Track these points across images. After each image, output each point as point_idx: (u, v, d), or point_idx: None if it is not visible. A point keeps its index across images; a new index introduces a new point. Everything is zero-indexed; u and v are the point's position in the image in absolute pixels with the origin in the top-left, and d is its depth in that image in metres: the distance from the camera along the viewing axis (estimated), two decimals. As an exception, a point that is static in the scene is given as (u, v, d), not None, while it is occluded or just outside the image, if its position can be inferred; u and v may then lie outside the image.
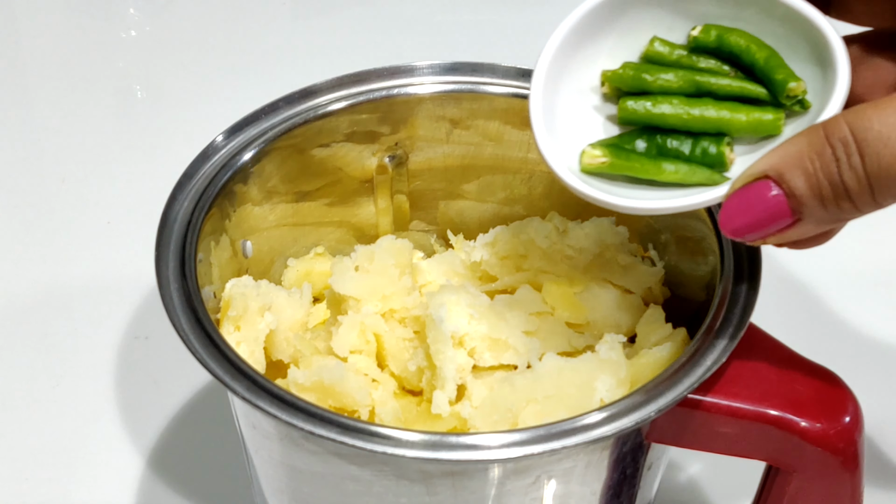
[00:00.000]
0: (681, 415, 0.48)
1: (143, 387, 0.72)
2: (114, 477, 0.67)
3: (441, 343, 0.53)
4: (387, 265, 0.57)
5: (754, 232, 0.44)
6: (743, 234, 0.44)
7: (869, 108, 0.40)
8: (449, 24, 1.04)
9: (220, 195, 0.55)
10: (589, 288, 0.59)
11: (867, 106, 0.40)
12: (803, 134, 0.42)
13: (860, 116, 0.40)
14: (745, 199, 0.43)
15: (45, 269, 0.80)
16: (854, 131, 0.40)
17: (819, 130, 0.41)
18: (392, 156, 0.63)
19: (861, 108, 0.40)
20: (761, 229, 0.43)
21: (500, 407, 0.51)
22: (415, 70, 0.61)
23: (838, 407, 0.48)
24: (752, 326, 0.50)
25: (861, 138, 0.40)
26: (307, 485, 0.51)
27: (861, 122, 0.40)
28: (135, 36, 1.04)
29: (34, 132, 0.94)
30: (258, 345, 0.55)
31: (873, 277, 0.79)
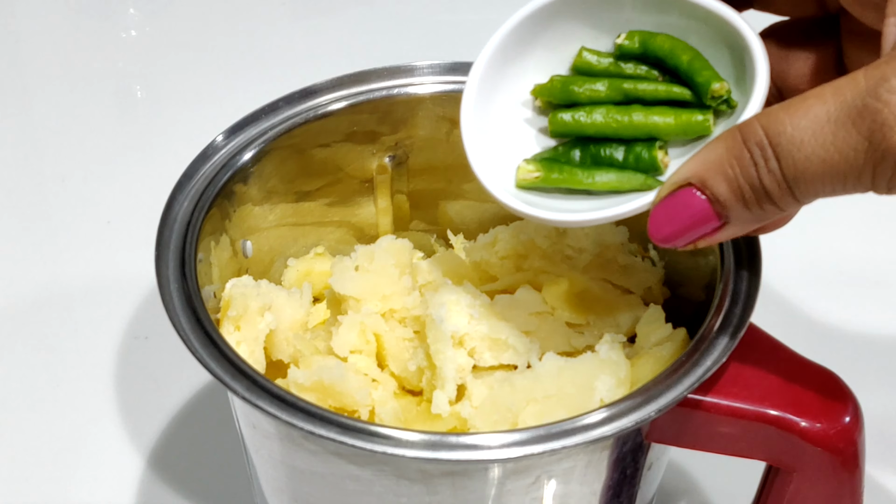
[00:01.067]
0: (681, 415, 0.48)
1: (143, 387, 0.72)
2: (114, 477, 0.67)
3: (441, 343, 0.53)
4: (387, 265, 0.57)
5: (682, 238, 0.44)
6: (672, 241, 0.45)
7: (781, 110, 0.41)
8: (449, 23, 1.04)
9: (220, 195, 0.56)
10: (589, 288, 0.59)
11: (779, 108, 0.41)
12: (722, 138, 0.42)
13: (773, 120, 0.40)
14: (671, 208, 0.44)
15: (45, 269, 0.80)
16: (769, 135, 0.40)
17: (736, 134, 0.42)
18: (392, 156, 0.63)
19: (773, 110, 0.41)
20: (689, 235, 0.44)
21: (500, 407, 0.51)
22: (415, 70, 0.61)
23: (838, 407, 0.48)
24: (752, 326, 0.50)
25: (776, 143, 0.40)
26: (307, 484, 0.51)
27: (774, 125, 0.40)
28: (135, 36, 1.04)
29: (34, 132, 0.94)
30: (258, 345, 0.55)
31: (873, 277, 0.79)
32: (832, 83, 0.40)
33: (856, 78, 0.39)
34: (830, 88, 0.40)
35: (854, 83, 0.39)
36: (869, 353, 0.74)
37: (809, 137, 0.40)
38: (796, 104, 0.40)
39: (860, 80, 0.39)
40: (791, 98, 0.41)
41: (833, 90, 0.40)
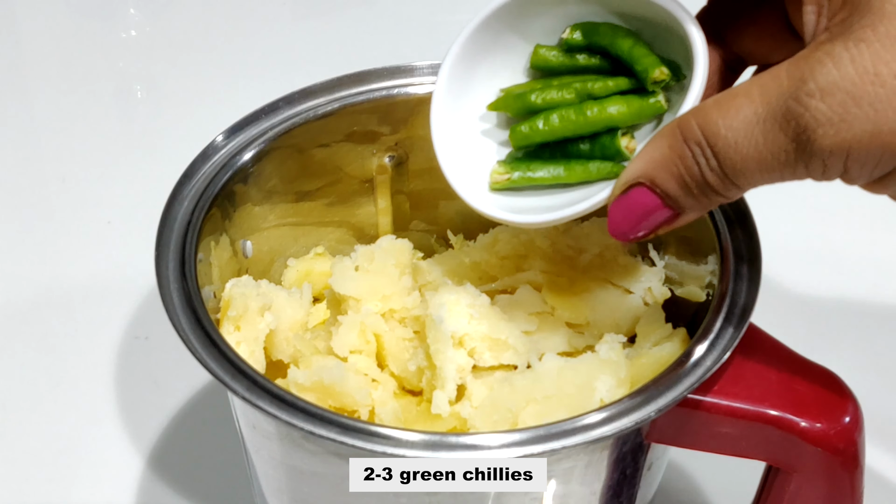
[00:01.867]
0: (681, 415, 0.48)
1: (143, 387, 0.72)
2: (114, 477, 0.67)
3: (441, 343, 0.53)
4: (387, 265, 0.57)
5: (641, 231, 0.46)
6: (633, 236, 0.46)
7: (713, 108, 0.42)
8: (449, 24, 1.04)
9: (220, 195, 0.56)
10: (589, 288, 0.59)
11: (711, 106, 0.42)
12: (664, 135, 0.44)
13: (708, 120, 0.42)
14: (626, 207, 0.46)
15: (45, 269, 0.80)
16: (706, 135, 0.42)
17: (677, 133, 0.43)
18: (392, 156, 0.63)
19: (707, 107, 0.42)
20: (647, 228, 0.46)
21: (500, 407, 0.51)
22: (414, 70, 0.61)
23: (838, 407, 0.48)
24: (752, 326, 0.50)
25: (712, 143, 0.42)
26: (307, 485, 0.51)
27: (709, 126, 0.42)
28: (135, 36, 1.04)
29: (34, 132, 0.94)
30: (258, 345, 0.55)
31: (874, 278, 0.79)
32: (758, 79, 0.41)
33: (779, 76, 0.40)
34: (757, 87, 0.41)
35: (778, 83, 0.40)
36: (869, 353, 0.74)
37: (742, 139, 0.41)
38: (727, 103, 0.41)
39: (783, 79, 0.40)
40: (722, 93, 0.42)
41: (759, 89, 0.41)
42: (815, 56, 0.39)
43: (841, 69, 0.39)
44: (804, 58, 0.40)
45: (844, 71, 0.39)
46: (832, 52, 0.39)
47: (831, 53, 0.39)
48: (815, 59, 0.39)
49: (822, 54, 0.39)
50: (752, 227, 0.53)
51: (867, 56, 0.39)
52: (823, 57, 0.39)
